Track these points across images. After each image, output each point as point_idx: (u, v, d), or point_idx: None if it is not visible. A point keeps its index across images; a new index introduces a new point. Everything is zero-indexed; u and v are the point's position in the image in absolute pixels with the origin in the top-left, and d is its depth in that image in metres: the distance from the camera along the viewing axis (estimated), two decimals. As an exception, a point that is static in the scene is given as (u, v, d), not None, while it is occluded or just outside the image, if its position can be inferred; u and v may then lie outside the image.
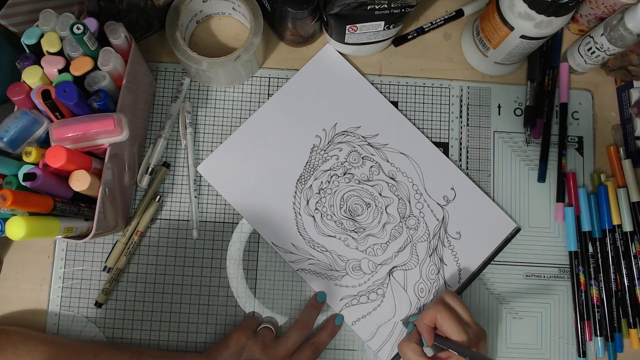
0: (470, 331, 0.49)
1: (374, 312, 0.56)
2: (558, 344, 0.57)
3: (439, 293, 0.57)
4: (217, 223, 0.58)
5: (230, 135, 0.59)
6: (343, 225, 0.57)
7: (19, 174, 0.44)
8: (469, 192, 0.59)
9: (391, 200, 0.58)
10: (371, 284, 0.57)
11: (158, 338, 0.56)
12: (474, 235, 0.58)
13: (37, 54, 0.48)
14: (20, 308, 0.56)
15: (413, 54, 0.62)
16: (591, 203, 0.58)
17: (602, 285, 0.57)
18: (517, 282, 0.58)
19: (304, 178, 0.58)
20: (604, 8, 0.55)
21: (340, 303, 0.56)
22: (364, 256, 0.57)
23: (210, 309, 0.56)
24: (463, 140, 0.60)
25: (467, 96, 0.61)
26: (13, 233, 0.41)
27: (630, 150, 0.59)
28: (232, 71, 0.56)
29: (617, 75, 0.61)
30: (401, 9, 0.52)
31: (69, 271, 0.56)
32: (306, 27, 0.56)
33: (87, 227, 0.49)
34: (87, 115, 0.46)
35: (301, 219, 0.57)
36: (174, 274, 0.57)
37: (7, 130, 0.45)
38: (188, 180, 0.58)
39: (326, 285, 0.56)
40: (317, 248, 0.57)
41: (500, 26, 0.53)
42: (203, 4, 0.58)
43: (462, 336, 0.48)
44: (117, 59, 0.48)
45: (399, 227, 0.58)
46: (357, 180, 0.58)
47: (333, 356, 0.56)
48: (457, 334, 0.48)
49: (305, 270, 0.57)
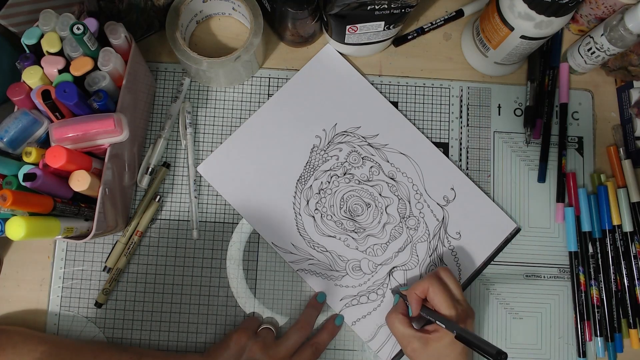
0: (460, 308, 0.50)
1: (374, 312, 0.56)
2: (558, 344, 0.57)
3: None
4: (217, 223, 0.58)
5: (230, 135, 0.59)
6: (343, 225, 0.57)
7: (19, 174, 0.44)
8: (469, 192, 0.59)
9: (391, 200, 0.58)
10: (371, 284, 0.57)
11: (158, 338, 0.56)
12: (474, 235, 0.58)
13: (37, 54, 0.48)
14: (20, 308, 0.56)
15: (413, 54, 0.62)
16: (591, 203, 0.58)
17: (602, 286, 0.57)
18: (517, 282, 0.58)
19: (304, 178, 0.58)
20: (604, 8, 0.55)
21: (340, 303, 0.56)
22: (364, 256, 0.57)
23: (210, 309, 0.56)
24: (463, 140, 0.60)
25: (467, 96, 0.61)
26: (13, 233, 0.41)
27: (630, 150, 0.59)
28: (232, 71, 0.56)
29: (617, 75, 0.61)
30: (401, 9, 0.52)
31: (69, 271, 0.56)
32: (306, 27, 0.56)
33: (87, 227, 0.49)
34: (87, 116, 0.46)
35: (301, 219, 0.57)
36: (174, 274, 0.57)
37: (7, 130, 0.45)
38: (188, 180, 0.58)
39: (326, 285, 0.56)
40: (317, 248, 0.57)
41: (500, 26, 0.53)
42: (203, 4, 0.58)
43: (451, 311, 0.49)
44: (117, 59, 0.48)
45: (399, 227, 0.58)
46: (357, 181, 0.58)
47: (333, 356, 0.56)
48: (446, 308, 0.49)
49: (305, 270, 0.57)
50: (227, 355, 0.51)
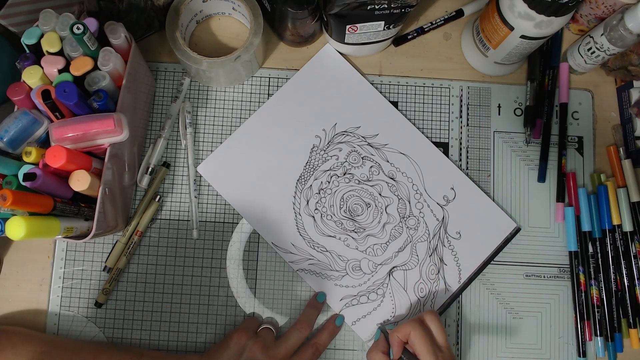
0: (441, 355, 0.48)
1: (374, 312, 0.56)
2: (558, 344, 0.57)
3: (439, 294, 0.57)
4: (217, 223, 0.58)
5: (230, 135, 0.59)
6: (343, 225, 0.57)
7: (19, 174, 0.44)
8: (469, 192, 0.59)
9: (391, 200, 0.58)
10: (371, 284, 0.57)
11: (158, 338, 0.56)
12: (474, 235, 0.58)
13: (37, 54, 0.48)
14: (20, 308, 0.56)
15: (413, 54, 0.62)
16: (591, 203, 0.58)
17: (602, 285, 0.57)
18: (517, 282, 0.58)
19: (303, 178, 0.58)
20: (604, 8, 0.55)
21: (340, 303, 0.56)
22: (364, 256, 0.57)
23: (210, 309, 0.56)
24: (463, 140, 0.60)
25: (467, 96, 0.61)
26: (13, 233, 0.41)
27: (630, 150, 0.59)
28: (232, 71, 0.56)
29: (617, 75, 0.61)
30: (401, 9, 0.52)
31: (69, 271, 0.56)
32: (306, 27, 0.56)
33: (87, 227, 0.49)
34: (87, 115, 0.46)
35: (301, 219, 0.57)
36: (174, 274, 0.57)
37: (7, 130, 0.45)
38: (188, 180, 0.58)
39: (326, 285, 0.56)
40: (317, 248, 0.57)
41: (500, 26, 0.53)
42: (203, 4, 0.58)
43: (431, 358, 0.48)
44: (117, 59, 0.48)
45: (399, 227, 0.58)
46: (357, 181, 0.58)
47: (333, 356, 0.56)
48: (426, 354, 0.48)
49: (305, 270, 0.56)
50: (227, 356, 0.51)
